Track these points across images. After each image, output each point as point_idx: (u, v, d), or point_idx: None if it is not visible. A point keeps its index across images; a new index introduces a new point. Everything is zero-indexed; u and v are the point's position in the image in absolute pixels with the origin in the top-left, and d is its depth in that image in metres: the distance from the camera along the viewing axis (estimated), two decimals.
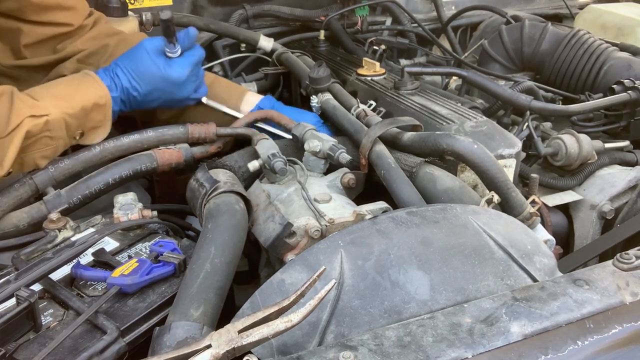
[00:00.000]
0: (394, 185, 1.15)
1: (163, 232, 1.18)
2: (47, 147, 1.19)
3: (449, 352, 0.69)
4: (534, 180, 1.33)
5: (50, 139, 1.18)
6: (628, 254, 0.84)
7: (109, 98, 1.27)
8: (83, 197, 1.21)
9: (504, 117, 1.70)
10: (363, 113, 1.41)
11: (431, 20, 2.35)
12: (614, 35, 2.12)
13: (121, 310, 0.94)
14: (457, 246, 0.89)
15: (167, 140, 1.33)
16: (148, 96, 1.34)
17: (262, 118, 1.46)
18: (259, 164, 1.25)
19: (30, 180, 1.20)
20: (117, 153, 1.30)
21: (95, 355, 0.84)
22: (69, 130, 1.21)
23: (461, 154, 1.16)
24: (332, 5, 2.20)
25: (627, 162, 1.65)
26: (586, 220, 1.54)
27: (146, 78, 1.32)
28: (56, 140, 1.19)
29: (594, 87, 1.82)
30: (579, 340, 0.73)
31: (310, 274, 0.75)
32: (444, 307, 0.82)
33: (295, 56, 1.81)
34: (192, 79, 1.37)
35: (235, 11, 2.08)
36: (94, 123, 1.27)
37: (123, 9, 1.69)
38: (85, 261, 1.04)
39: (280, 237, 1.04)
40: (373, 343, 0.70)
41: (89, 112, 1.24)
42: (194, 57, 1.36)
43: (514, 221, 1.05)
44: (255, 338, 0.68)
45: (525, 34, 1.97)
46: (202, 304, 0.88)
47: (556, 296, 0.79)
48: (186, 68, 1.34)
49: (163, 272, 1.00)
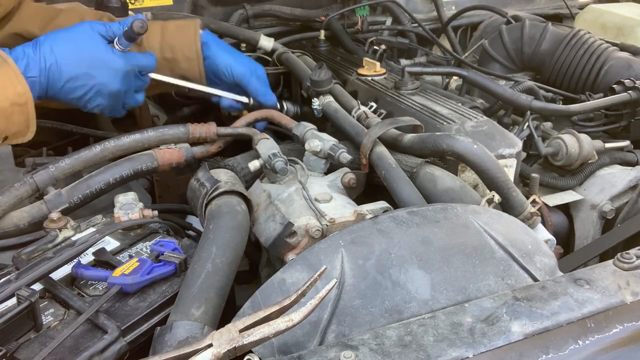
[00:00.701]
0: (394, 185, 1.15)
1: (164, 232, 1.18)
2: None
3: (449, 352, 0.69)
4: (535, 180, 1.33)
5: None
6: (629, 254, 0.84)
7: (29, 95, 1.12)
8: (84, 196, 1.21)
9: (505, 117, 1.70)
10: (364, 115, 1.41)
11: (431, 20, 2.35)
12: (614, 35, 2.12)
13: (122, 309, 0.94)
14: (458, 246, 0.89)
15: (167, 140, 1.33)
16: (72, 82, 1.18)
17: (263, 118, 1.47)
18: (259, 163, 1.25)
19: (30, 179, 1.20)
20: (118, 152, 1.30)
21: (96, 354, 0.84)
22: None
23: (461, 154, 1.16)
24: (333, 5, 2.20)
25: (628, 162, 1.65)
26: (587, 220, 1.54)
27: (77, 57, 1.16)
28: None
29: (594, 87, 1.82)
30: (580, 340, 0.73)
31: (311, 274, 0.75)
32: (444, 306, 0.82)
33: (296, 56, 1.81)
34: (132, 77, 1.26)
35: (236, 11, 2.08)
36: (17, 127, 1.13)
37: (123, 9, 1.69)
38: (86, 261, 1.04)
39: (281, 236, 1.04)
40: (374, 342, 0.70)
41: (8, 116, 1.09)
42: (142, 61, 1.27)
43: (515, 221, 1.05)
44: (256, 337, 0.68)
45: (525, 34, 1.97)
46: (203, 303, 0.88)
47: (557, 296, 0.79)
48: (130, 61, 1.23)
49: (164, 272, 1.00)
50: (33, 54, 1.15)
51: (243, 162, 1.31)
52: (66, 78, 1.18)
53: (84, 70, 1.19)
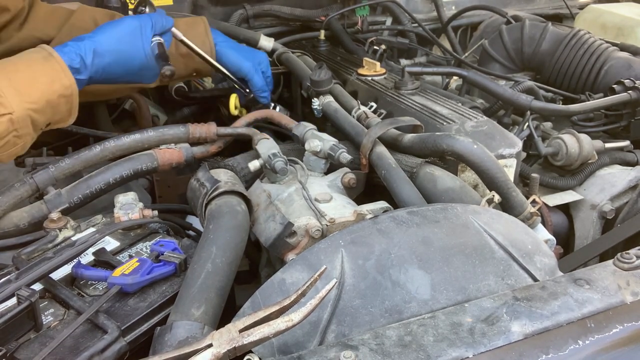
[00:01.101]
0: (394, 185, 1.15)
1: (164, 232, 1.18)
2: (15, 146, 1.13)
3: (449, 352, 0.69)
4: (535, 180, 1.33)
5: (17, 138, 1.12)
6: (629, 254, 0.84)
7: (75, 87, 1.19)
8: (83, 196, 1.21)
9: (505, 117, 1.70)
10: (364, 115, 1.41)
11: (431, 20, 2.35)
12: (614, 35, 2.12)
13: (122, 309, 0.94)
14: (458, 246, 0.89)
15: (167, 140, 1.33)
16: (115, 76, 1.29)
17: (263, 118, 1.47)
18: (259, 163, 1.25)
19: (30, 179, 1.20)
20: (118, 152, 1.30)
21: (96, 354, 0.84)
22: (35, 125, 1.15)
23: (461, 154, 1.16)
24: (332, 5, 2.20)
25: (628, 162, 1.65)
26: (586, 220, 1.54)
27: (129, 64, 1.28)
28: (23, 138, 1.13)
29: (594, 87, 1.82)
30: (579, 340, 0.73)
31: (311, 274, 0.75)
32: (444, 306, 0.82)
33: (296, 56, 1.81)
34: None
35: (236, 11, 2.08)
36: (61, 115, 1.21)
37: (123, 9, 1.69)
38: (85, 261, 1.04)
39: (281, 236, 1.04)
40: (374, 342, 0.70)
41: (55, 106, 1.17)
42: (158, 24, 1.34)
43: (515, 221, 1.05)
44: (256, 337, 0.68)
45: (525, 34, 1.97)
46: (203, 303, 0.88)
47: (557, 296, 0.79)
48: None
49: (164, 272, 1.00)
50: (77, 46, 1.22)
51: (243, 162, 1.31)
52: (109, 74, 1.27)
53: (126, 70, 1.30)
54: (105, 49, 1.25)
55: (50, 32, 1.42)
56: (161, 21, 1.35)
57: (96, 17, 1.48)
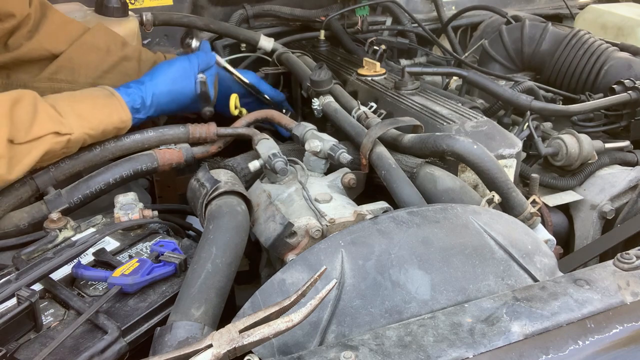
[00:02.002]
0: (394, 185, 1.15)
1: (164, 232, 1.18)
2: (59, 158, 1.22)
3: (449, 352, 0.69)
4: (535, 180, 1.33)
5: (65, 154, 1.22)
6: (628, 254, 0.84)
7: (130, 124, 1.30)
8: (84, 196, 1.21)
9: (505, 117, 1.70)
10: (364, 115, 1.41)
11: (431, 20, 2.35)
12: (614, 35, 2.12)
13: (122, 310, 0.94)
14: (458, 246, 0.89)
15: (167, 140, 1.33)
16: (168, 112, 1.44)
17: (263, 118, 1.47)
18: (259, 163, 1.25)
19: (30, 179, 1.20)
20: (118, 153, 1.30)
21: (96, 355, 0.84)
22: (83, 144, 1.24)
23: (461, 154, 1.16)
24: (332, 5, 2.20)
25: (628, 162, 1.64)
26: (586, 220, 1.54)
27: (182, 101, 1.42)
28: (69, 153, 1.23)
29: (594, 87, 1.82)
30: (579, 340, 0.73)
31: (311, 274, 0.75)
32: (444, 306, 0.82)
33: (296, 56, 1.81)
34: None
35: (236, 11, 2.08)
36: (106, 139, 1.30)
37: (123, 9, 1.69)
38: (86, 261, 1.04)
39: (281, 237, 1.04)
40: (374, 343, 0.70)
41: (108, 134, 1.28)
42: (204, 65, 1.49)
43: (515, 221, 1.05)
44: (256, 338, 0.68)
45: (525, 34, 1.97)
46: (203, 303, 0.88)
47: (557, 296, 0.79)
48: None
49: (164, 272, 1.00)
50: (139, 89, 1.35)
51: (243, 162, 1.31)
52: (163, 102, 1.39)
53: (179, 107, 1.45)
54: (162, 90, 1.38)
55: (60, 46, 1.43)
56: (206, 59, 1.50)
57: (109, 41, 1.50)
